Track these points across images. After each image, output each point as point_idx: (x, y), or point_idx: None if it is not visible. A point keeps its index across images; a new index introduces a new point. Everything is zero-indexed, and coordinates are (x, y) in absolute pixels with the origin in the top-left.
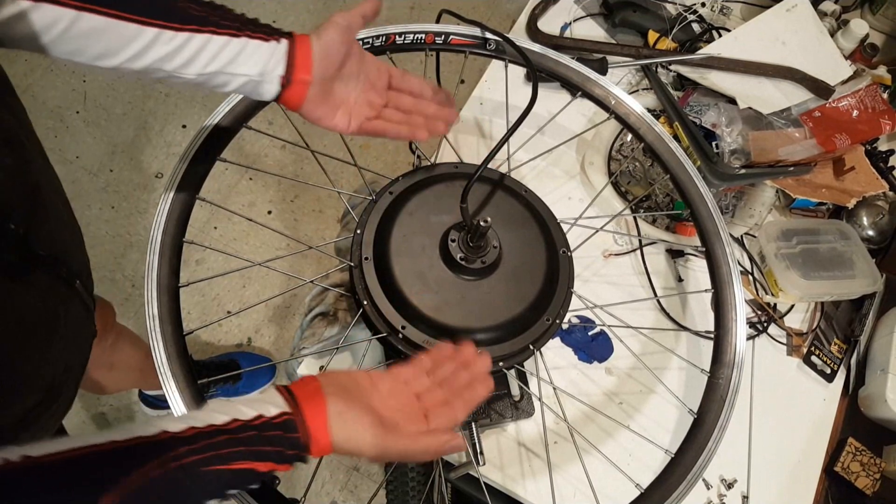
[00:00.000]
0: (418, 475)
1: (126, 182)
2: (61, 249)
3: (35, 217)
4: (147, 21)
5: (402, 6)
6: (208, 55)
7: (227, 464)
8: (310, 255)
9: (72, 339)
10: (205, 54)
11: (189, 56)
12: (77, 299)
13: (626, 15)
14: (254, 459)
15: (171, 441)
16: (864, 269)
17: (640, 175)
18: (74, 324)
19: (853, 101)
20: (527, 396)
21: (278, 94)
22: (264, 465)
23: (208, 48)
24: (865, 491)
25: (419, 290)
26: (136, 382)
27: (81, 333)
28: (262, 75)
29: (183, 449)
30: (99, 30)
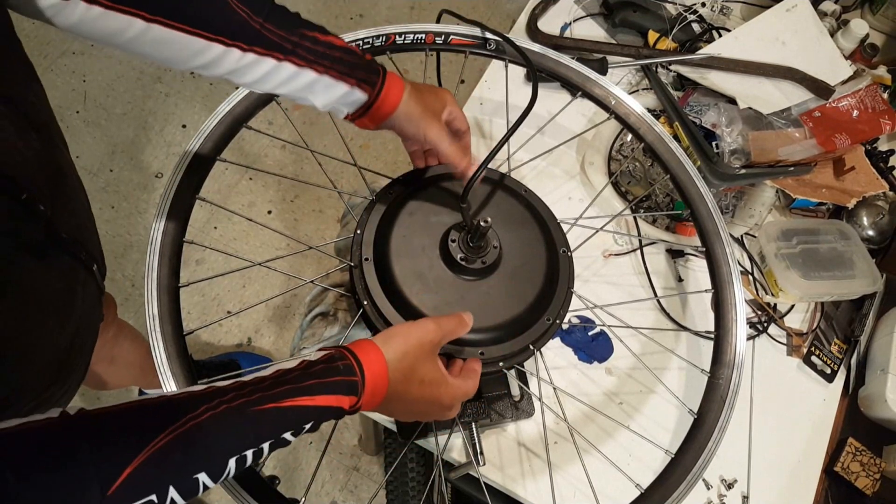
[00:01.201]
0: (418, 475)
1: (126, 182)
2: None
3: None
4: (214, 38)
5: (402, 6)
6: (279, 79)
7: (279, 401)
8: (310, 255)
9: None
10: (275, 78)
11: (259, 76)
12: (92, 281)
13: (626, 15)
14: (303, 394)
15: (218, 391)
16: (864, 269)
17: (640, 175)
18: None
19: (853, 101)
20: (527, 396)
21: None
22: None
23: (280, 73)
24: (865, 491)
25: (419, 291)
26: (136, 380)
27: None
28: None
29: (230, 394)
30: (168, 41)
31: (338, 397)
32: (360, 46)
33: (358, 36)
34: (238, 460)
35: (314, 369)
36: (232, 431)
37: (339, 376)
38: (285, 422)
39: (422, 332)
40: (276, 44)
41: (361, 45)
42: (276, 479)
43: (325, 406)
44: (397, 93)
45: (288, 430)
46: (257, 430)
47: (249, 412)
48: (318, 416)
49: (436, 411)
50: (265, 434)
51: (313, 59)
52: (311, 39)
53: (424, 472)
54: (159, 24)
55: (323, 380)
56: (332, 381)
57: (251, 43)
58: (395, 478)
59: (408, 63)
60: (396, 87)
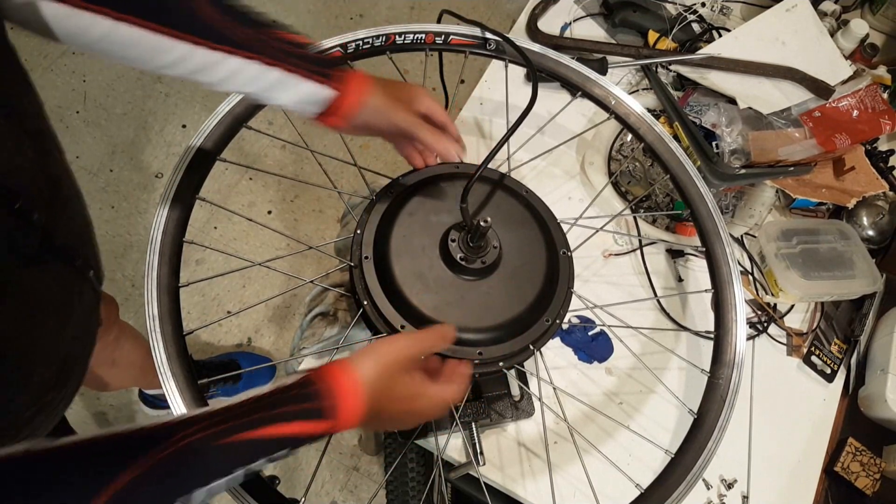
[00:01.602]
0: (418, 475)
1: (126, 182)
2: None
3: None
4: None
5: (402, 6)
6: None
7: (244, 432)
8: (310, 255)
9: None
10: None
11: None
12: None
13: (626, 15)
14: (275, 422)
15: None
16: (864, 269)
17: (640, 175)
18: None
19: (853, 101)
20: (527, 396)
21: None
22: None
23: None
24: (865, 491)
25: (419, 290)
26: (136, 380)
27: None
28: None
29: (193, 428)
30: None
31: (312, 423)
32: (360, 46)
33: (358, 36)
34: (210, 490)
35: (287, 395)
36: (201, 465)
37: (312, 402)
38: (257, 451)
39: (397, 349)
40: (243, 43)
41: (361, 44)
42: (276, 479)
43: (298, 433)
44: (364, 88)
45: (260, 458)
46: (229, 461)
47: (221, 443)
48: (292, 444)
49: (420, 421)
50: (236, 464)
51: (281, 58)
52: (277, 39)
53: (424, 472)
54: (127, 22)
55: (296, 406)
56: (305, 407)
57: (218, 42)
58: (395, 478)
59: (408, 63)
60: (363, 82)
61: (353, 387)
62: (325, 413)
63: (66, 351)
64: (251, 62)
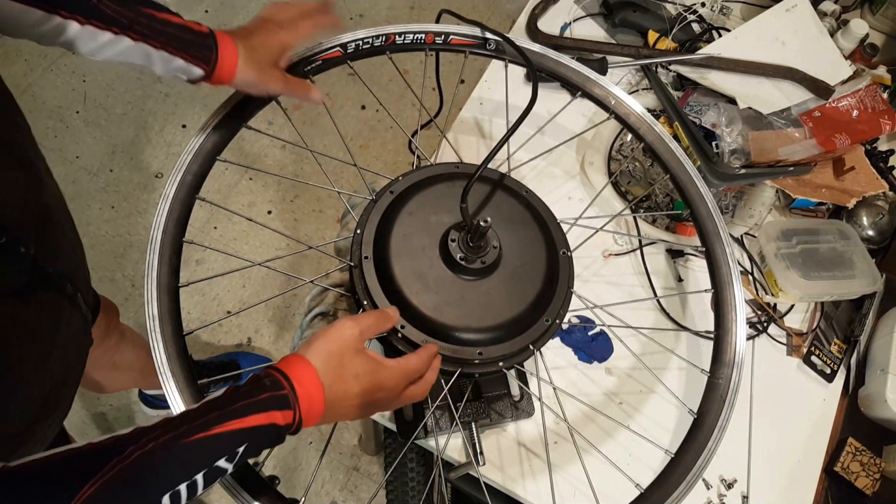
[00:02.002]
0: (418, 475)
1: (126, 182)
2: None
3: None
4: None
5: (401, 6)
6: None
7: (200, 433)
8: (310, 255)
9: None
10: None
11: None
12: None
13: (626, 15)
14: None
15: (143, 431)
16: (864, 269)
17: (640, 175)
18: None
19: (853, 101)
20: (527, 396)
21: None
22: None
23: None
24: (865, 491)
25: (418, 290)
26: (136, 382)
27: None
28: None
29: (157, 432)
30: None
31: (269, 414)
32: (360, 46)
33: (358, 36)
34: (172, 496)
35: (241, 392)
36: (161, 468)
37: (266, 393)
38: (216, 449)
39: (340, 331)
40: (112, 18)
41: (361, 44)
42: (276, 479)
43: (256, 426)
44: (231, 63)
45: (220, 457)
46: (188, 463)
47: (178, 445)
48: (252, 438)
49: (388, 398)
50: (196, 465)
51: (150, 35)
52: (146, 16)
53: (424, 472)
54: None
55: (250, 400)
56: (260, 399)
57: (89, 16)
58: (395, 478)
59: (408, 63)
60: (230, 57)
61: (306, 373)
62: (282, 402)
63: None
64: (122, 37)
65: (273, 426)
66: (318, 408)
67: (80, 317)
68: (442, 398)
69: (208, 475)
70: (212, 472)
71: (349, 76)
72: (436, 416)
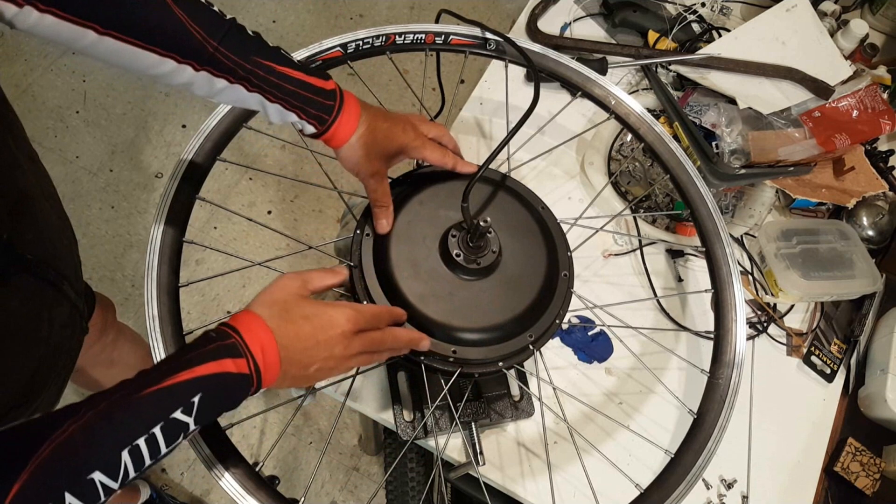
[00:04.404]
0: (418, 475)
1: (126, 182)
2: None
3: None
4: (166, 55)
5: (401, 6)
6: (232, 97)
7: (152, 386)
8: (310, 255)
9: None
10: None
11: (213, 92)
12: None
13: (626, 15)
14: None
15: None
16: (864, 269)
17: (640, 175)
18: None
19: (853, 101)
20: (527, 396)
21: None
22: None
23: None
24: (865, 491)
25: (408, 276)
26: None
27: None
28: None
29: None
30: (122, 52)
31: (219, 362)
32: (360, 46)
33: (358, 36)
34: (131, 452)
35: (190, 346)
36: (117, 423)
37: (213, 343)
38: (170, 400)
39: (280, 282)
40: (228, 67)
41: (361, 44)
42: (276, 479)
43: (208, 374)
44: (347, 133)
45: (175, 408)
46: (142, 416)
47: (131, 400)
48: (206, 388)
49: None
50: (151, 418)
51: (266, 88)
52: (265, 69)
53: (424, 472)
54: (111, 37)
55: (199, 350)
56: (208, 349)
57: (203, 63)
58: (394, 478)
59: (408, 63)
60: (348, 125)
61: (252, 321)
62: (231, 350)
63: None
64: (237, 86)
65: (226, 374)
66: (273, 355)
67: (68, 304)
68: (442, 398)
69: (167, 429)
70: (170, 425)
71: (349, 76)
72: (436, 416)
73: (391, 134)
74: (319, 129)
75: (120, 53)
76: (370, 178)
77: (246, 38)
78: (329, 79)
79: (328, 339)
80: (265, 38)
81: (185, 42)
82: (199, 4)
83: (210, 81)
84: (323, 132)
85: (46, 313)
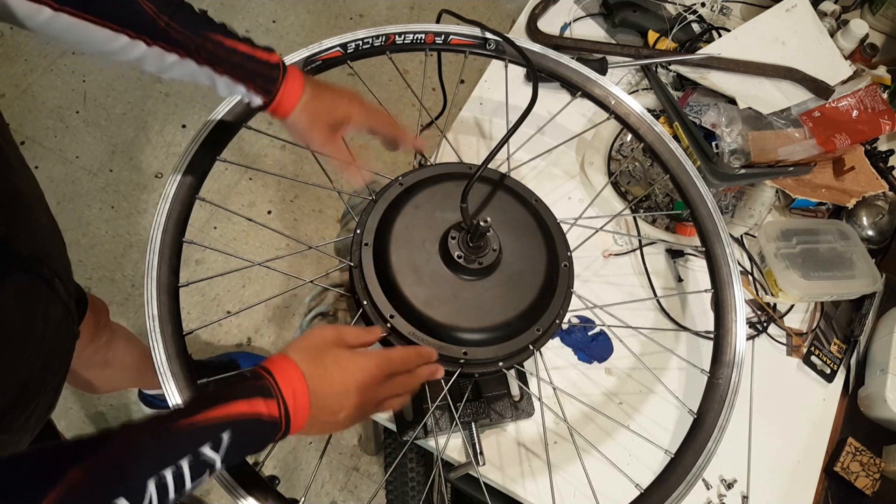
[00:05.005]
0: (418, 475)
1: (126, 182)
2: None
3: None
4: (121, 30)
5: (401, 6)
6: (183, 71)
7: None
8: (310, 255)
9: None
10: (179, 70)
11: (164, 67)
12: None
13: (626, 15)
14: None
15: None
16: (864, 269)
17: (640, 175)
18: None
19: (853, 101)
20: (527, 396)
21: None
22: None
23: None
24: (865, 491)
25: (412, 282)
26: (132, 382)
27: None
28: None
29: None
30: (77, 29)
31: (251, 402)
32: (360, 46)
33: (358, 36)
34: (158, 483)
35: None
36: (146, 452)
37: (248, 382)
38: (200, 435)
39: (318, 331)
40: (179, 42)
41: (361, 44)
42: (276, 479)
43: (239, 413)
44: (292, 101)
45: (203, 442)
46: (171, 447)
47: (161, 431)
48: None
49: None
50: (180, 450)
51: (215, 61)
52: (213, 42)
53: (424, 472)
54: (67, 13)
55: (232, 389)
56: (241, 387)
57: (155, 38)
58: (394, 478)
59: (408, 63)
60: (292, 95)
61: (286, 364)
62: (263, 390)
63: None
64: (187, 60)
65: (257, 416)
66: (303, 398)
67: (61, 304)
68: (442, 398)
69: (194, 464)
70: (197, 460)
71: (349, 76)
72: (436, 416)
73: (335, 103)
74: (265, 99)
75: (75, 30)
76: (323, 146)
77: (195, 15)
78: (273, 52)
79: (358, 385)
80: (265, 37)
81: (139, 18)
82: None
83: (161, 56)
84: (269, 102)
85: (42, 311)
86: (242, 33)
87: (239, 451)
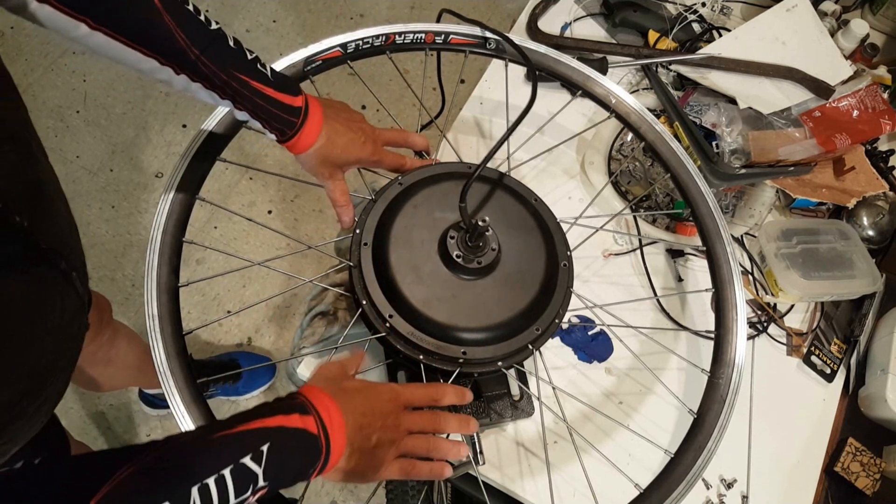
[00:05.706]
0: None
1: (126, 182)
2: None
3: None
4: (151, 55)
5: (402, 6)
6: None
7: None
8: (310, 254)
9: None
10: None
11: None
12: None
13: (627, 15)
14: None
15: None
16: (864, 269)
17: (640, 175)
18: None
19: (853, 101)
20: (526, 396)
21: None
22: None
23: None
24: (865, 491)
25: (411, 282)
26: (134, 380)
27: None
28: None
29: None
30: (111, 47)
31: (288, 416)
32: (360, 46)
33: (358, 36)
34: (201, 490)
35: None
36: (189, 459)
37: (282, 402)
38: (239, 445)
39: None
40: (206, 76)
41: (361, 44)
42: None
43: (276, 426)
44: (306, 144)
45: (245, 453)
46: (213, 456)
47: (204, 441)
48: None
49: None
50: (221, 459)
51: (237, 98)
52: (239, 82)
53: None
54: (102, 32)
55: (269, 406)
56: (279, 404)
57: (183, 68)
58: None
59: (408, 62)
60: (307, 139)
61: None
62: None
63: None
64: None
65: (294, 429)
66: (338, 417)
67: (77, 296)
68: None
69: (236, 474)
70: (239, 471)
71: (349, 76)
72: None
73: (348, 149)
74: (280, 139)
75: (110, 47)
76: (326, 181)
77: (227, 50)
78: (299, 94)
79: (381, 408)
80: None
81: (170, 47)
82: (188, 13)
83: (188, 83)
84: (284, 142)
85: (59, 303)
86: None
87: (281, 465)
